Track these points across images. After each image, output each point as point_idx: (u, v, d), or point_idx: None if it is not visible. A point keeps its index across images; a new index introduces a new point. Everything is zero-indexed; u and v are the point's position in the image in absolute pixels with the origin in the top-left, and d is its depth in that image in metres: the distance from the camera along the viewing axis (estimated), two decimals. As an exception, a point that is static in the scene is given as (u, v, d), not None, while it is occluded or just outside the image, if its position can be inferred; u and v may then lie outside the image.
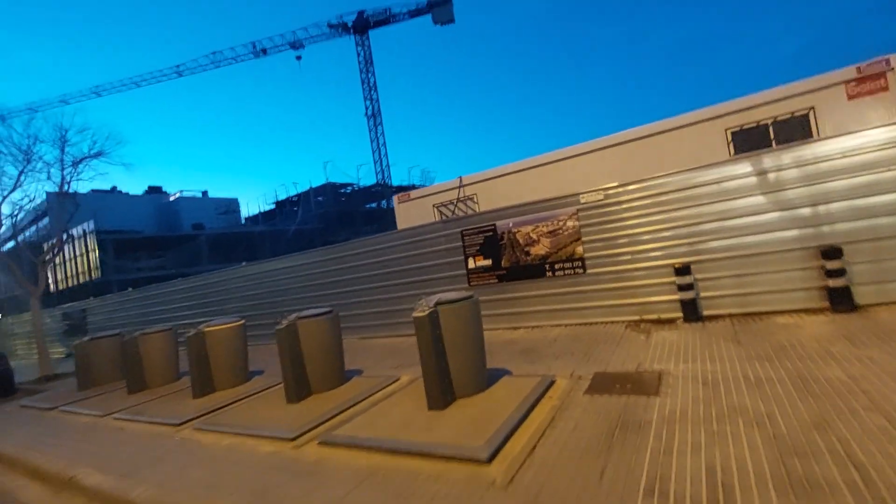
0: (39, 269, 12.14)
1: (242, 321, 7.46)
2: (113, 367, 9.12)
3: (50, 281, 33.98)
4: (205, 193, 49.90)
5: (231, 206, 47.63)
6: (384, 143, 41.03)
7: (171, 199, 47.72)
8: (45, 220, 35.75)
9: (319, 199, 40.27)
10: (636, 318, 6.92)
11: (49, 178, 11.93)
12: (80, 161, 11.96)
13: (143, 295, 14.81)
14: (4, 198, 11.74)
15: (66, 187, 12.06)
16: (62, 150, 11.69)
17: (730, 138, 7.20)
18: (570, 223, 7.35)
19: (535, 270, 7.66)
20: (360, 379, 6.26)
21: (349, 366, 6.93)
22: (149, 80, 46.88)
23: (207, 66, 45.56)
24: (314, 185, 41.36)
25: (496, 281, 8.03)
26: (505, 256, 7.92)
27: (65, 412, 7.55)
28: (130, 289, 15.26)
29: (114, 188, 44.66)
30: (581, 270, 7.29)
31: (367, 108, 41.89)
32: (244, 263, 11.73)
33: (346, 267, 9.89)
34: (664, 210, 6.70)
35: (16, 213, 12.48)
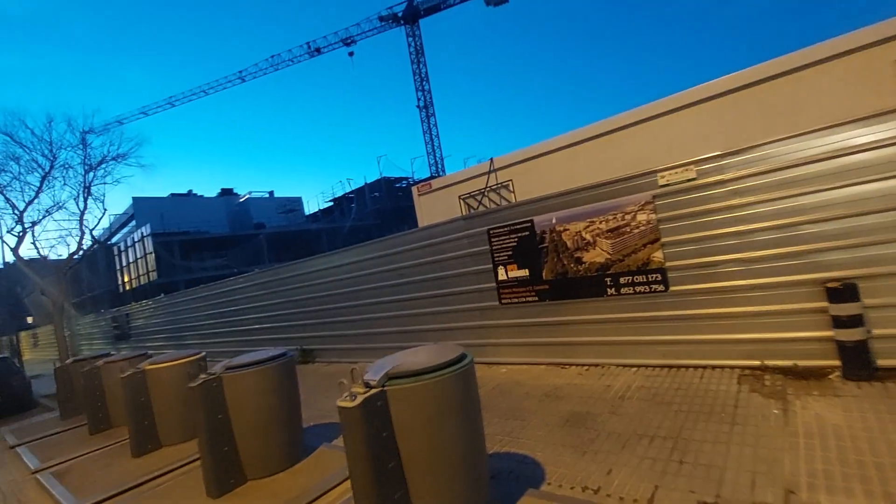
0: (61, 278, 11.51)
1: (201, 354, 5.74)
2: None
3: (121, 281, 35.89)
4: (271, 193, 51.06)
5: (294, 204, 48.22)
6: (437, 134, 39.18)
7: (241, 199, 49.25)
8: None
9: (375, 194, 39.26)
10: (754, 363, 4.35)
11: (65, 183, 11.20)
12: (101, 163, 11.09)
13: (172, 301, 14.01)
14: (29, 203, 11.16)
15: (86, 191, 11.27)
16: (84, 152, 10.87)
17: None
18: (641, 217, 4.87)
19: (589, 285, 5.27)
20: (330, 451, 4.28)
21: (331, 414, 5.01)
22: (216, 87, 48.31)
23: (267, 69, 46.07)
24: (369, 181, 40.47)
25: (535, 299, 5.72)
26: (547, 265, 5.59)
27: (14, 454, 6.34)
28: (163, 294, 14.53)
29: (190, 192, 46.90)
30: (661, 287, 4.80)
31: (418, 100, 40.17)
32: (256, 270, 10.25)
33: (346, 279, 8.01)
34: (801, 192, 4.06)
35: (40, 219, 11.95)
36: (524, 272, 5.79)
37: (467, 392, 2.66)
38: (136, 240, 33.75)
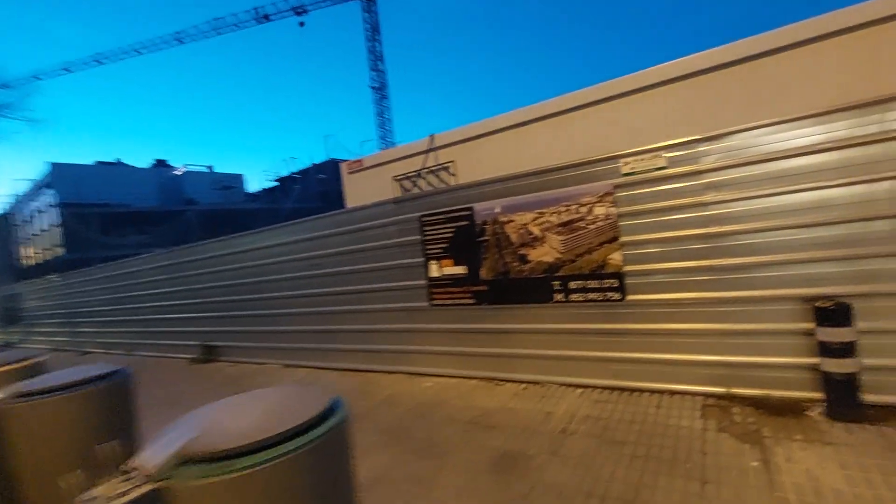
0: None
1: (38, 359, 4.34)
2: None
3: (23, 255, 31.92)
4: (210, 169, 47.42)
5: (232, 181, 44.99)
6: (390, 117, 37.43)
7: (176, 172, 45.33)
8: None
9: (322, 176, 37.10)
10: (720, 390, 3.62)
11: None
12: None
13: (66, 282, 11.96)
14: None
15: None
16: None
17: (915, 57, 3.78)
18: (599, 210, 4.02)
19: (535, 289, 4.38)
20: None
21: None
22: (149, 47, 43.82)
23: (209, 32, 42.11)
24: (316, 163, 38.28)
25: (472, 301, 4.77)
26: (487, 262, 4.64)
27: None
28: (55, 275, 12.44)
29: (118, 161, 42.49)
30: (617, 295, 3.98)
31: (372, 80, 38.24)
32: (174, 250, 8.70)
33: (254, 267, 6.73)
34: (790, 188, 3.34)
35: None
36: (460, 269, 4.82)
37: (332, 474, 1.61)
38: (41, 209, 29.89)
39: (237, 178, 47.17)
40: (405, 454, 3.35)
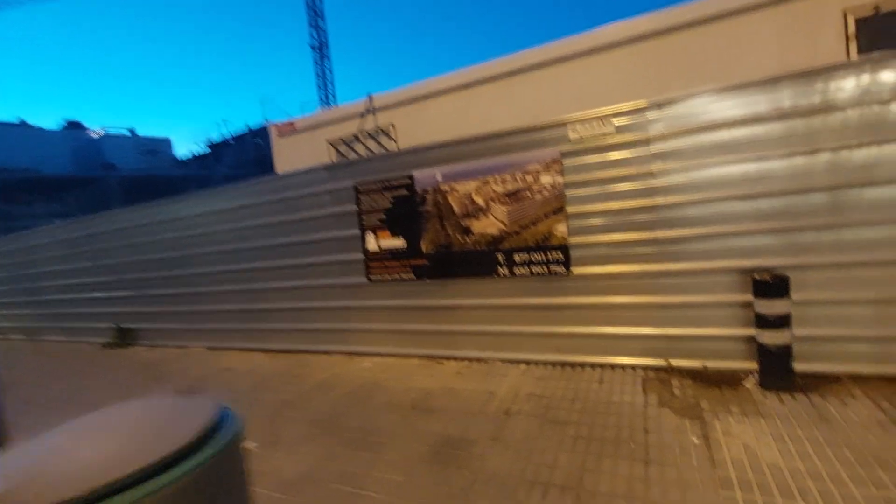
0: None
1: None
2: None
3: None
4: (133, 132, 43.13)
5: (159, 146, 41.26)
6: (332, 80, 35.42)
7: (92, 134, 40.82)
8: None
9: (258, 140, 34.77)
10: (660, 362, 3.59)
11: None
12: None
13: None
14: None
15: None
16: None
17: (853, 29, 3.76)
18: (545, 179, 3.79)
19: (478, 262, 4.13)
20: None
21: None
22: (53, -11, 38.41)
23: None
24: (252, 127, 35.75)
25: (412, 276, 4.46)
26: (428, 234, 4.33)
27: None
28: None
29: (22, 122, 37.57)
30: (562, 268, 3.82)
31: (312, 38, 35.79)
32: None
33: (175, 239, 6.04)
34: (732, 160, 3.24)
35: None
36: (399, 242, 4.47)
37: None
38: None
39: (164, 143, 43.31)
40: (337, 446, 3.05)
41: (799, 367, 3.13)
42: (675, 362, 3.54)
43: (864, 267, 3.02)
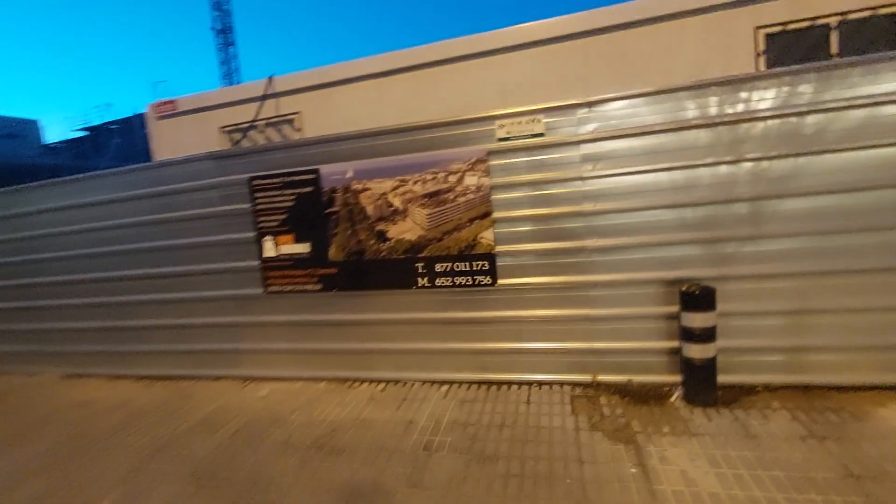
0: None
1: None
2: None
3: None
4: (-14, 108, 36.14)
5: (22, 128, 35.02)
6: (237, 67, 32.52)
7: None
8: None
9: (150, 128, 30.89)
10: (586, 377, 3.38)
11: None
12: None
13: None
14: None
15: None
16: None
17: (763, 44, 3.86)
18: (470, 180, 3.41)
19: (395, 272, 3.65)
20: None
21: None
22: None
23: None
24: (143, 112, 31.73)
25: (319, 287, 3.85)
26: (338, 239, 3.75)
27: None
28: None
29: None
30: (487, 279, 3.47)
31: (214, 21, 32.58)
32: None
33: (16, 241, 4.82)
34: (662, 166, 3.12)
35: None
36: (303, 248, 3.84)
37: None
38: None
39: (30, 125, 36.89)
40: (212, 510, 2.40)
41: (720, 378, 3.07)
42: (602, 377, 3.35)
43: (779, 278, 3.03)
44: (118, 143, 33.44)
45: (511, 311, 3.47)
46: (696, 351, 2.96)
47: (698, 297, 2.91)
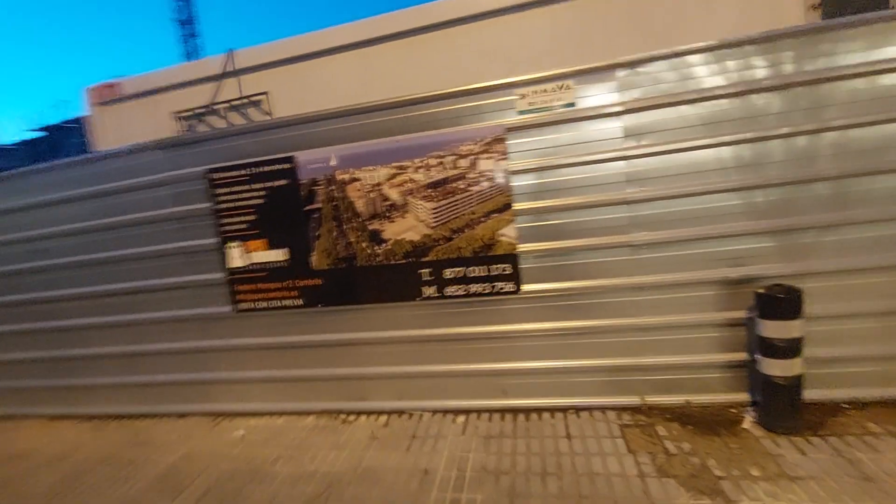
0: None
1: None
2: None
3: None
4: (-71, 107, 33.50)
5: (-29, 127, 32.61)
6: (202, 57, 30.79)
7: None
8: None
9: (112, 125, 29.03)
10: (633, 400, 2.78)
11: None
12: None
13: None
14: None
15: None
16: None
17: (817, -4, 3.29)
18: (485, 164, 2.74)
19: (395, 281, 2.96)
20: None
21: None
22: None
23: None
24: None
25: (300, 303, 3.14)
26: (321, 242, 3.04)
27: None
28: None
29: None
30: (510, 285, 2.81)
31: (176, 12, 30.65)
32: None
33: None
34: (725, 139, 2.50)
35: None
36: (278, 255, 3.11)
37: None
38: None
39: (-21, 124, 34.31)
40: None
41: (810, 394, 2.50)
42: (653, 399, 2.76)
43: (869, 273, 2.47)
44: (77, 142, 31.41)
45: (539, 323, 2.83)
46: (777, 368, 2.38)
47: (781, 302, 2.32)
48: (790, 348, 2.34)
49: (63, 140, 31.52)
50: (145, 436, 3.31)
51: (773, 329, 2.35)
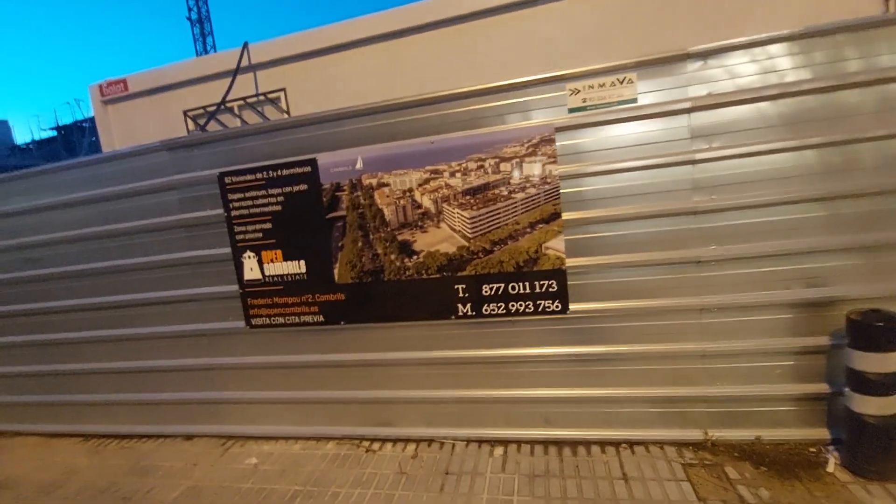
0: None
1: None
2: None
3: None
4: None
5: (-12, 128, 32.63)
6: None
7: None
8: None
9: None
10: (695, 435, 2.46)
11: None
12: None
13: None
14: None
15: None
16: None
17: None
18: (530, 168, 2.43)
19: (426, 297, 2.65)
20: None
21: None
22: None
23: None
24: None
25: (320, 319, 2.84)
26: (345, 253, 2.74)
27: None
28: None
29: None
30: (556, 304, 2.50)
31: (190, 10, 30.48)
32: None
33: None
34: (811, 143, 2.18)
35: None
36: (297, 266, 2.81)
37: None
38: None
39: (-2, 126, 34.33)
40: None
41: None
42: (717, 434, 2.44)
43: (975, 294, 2.15)
44: (91, 141, 31.31)
45: (587, 347, 2.52)
46: (870, 405, 2.05)
47: (879, 331, 1.99)
48: (887, 384, 2.02)
49: (77, 139, 31.49)
50: (148, 461, 3.02)
51: (867, 361, 2.03)
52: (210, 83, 4.03)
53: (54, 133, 32.66)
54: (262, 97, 3.89)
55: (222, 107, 3.77)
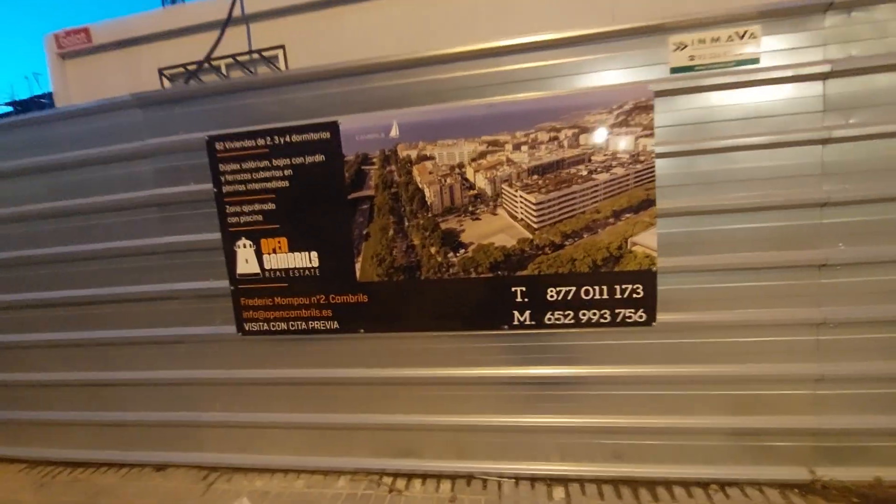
0: None
1: None
2: None
3: None
4: None
5: (-72, 98, 30.02)
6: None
7: None
8: None
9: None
10: (800, 474, 2.02)
11: None
12: None
13: None
14: None
15: None
16: None
17: None
18: (617, 142, 1.92)
19: (473, 301, 2.11)
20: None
21: None
22: None
23: None
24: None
25: (333, 325, 2.27)
26: (370, 244, 2.17)
27: None
28: None
29: None
30: (640, 314, 2.01)
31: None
32: None
33: None
34: (967, 121, 1.75)
35: None
36: (307, 258, 2.23)
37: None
38: None
39: (-64, 95, 31.74)
40: None
41: None
42: (826, 473, 2.00)
43: None
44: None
45: (675, 367, 2.03)
46: None
47: None
48: None
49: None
50: (107, 498, 2.38)
51: None
52: (191, 36, 3.35)
53: (10, 109, 30.45)
54: (255, 55, 3.24)
55: (206, 65, 3.10)
